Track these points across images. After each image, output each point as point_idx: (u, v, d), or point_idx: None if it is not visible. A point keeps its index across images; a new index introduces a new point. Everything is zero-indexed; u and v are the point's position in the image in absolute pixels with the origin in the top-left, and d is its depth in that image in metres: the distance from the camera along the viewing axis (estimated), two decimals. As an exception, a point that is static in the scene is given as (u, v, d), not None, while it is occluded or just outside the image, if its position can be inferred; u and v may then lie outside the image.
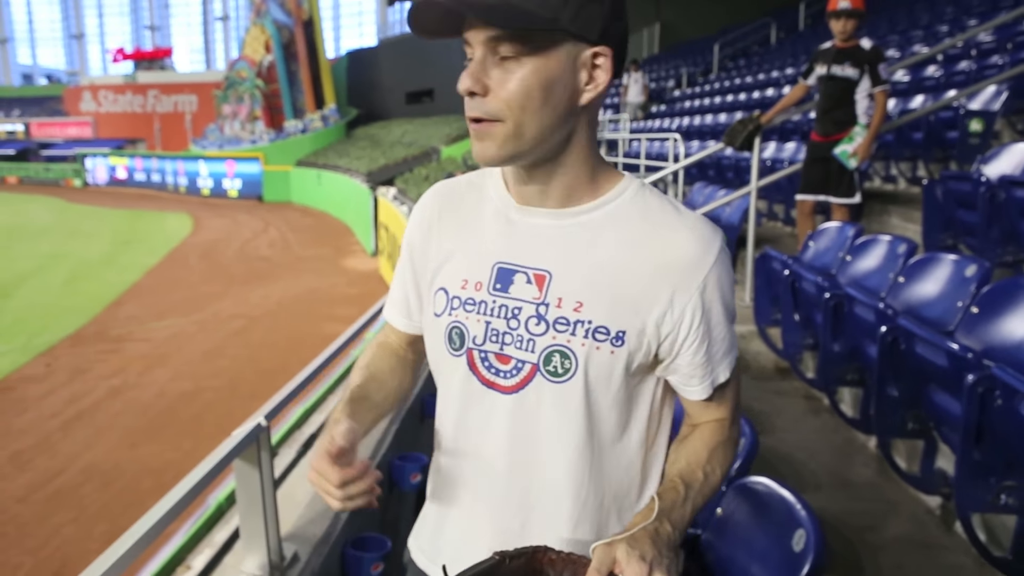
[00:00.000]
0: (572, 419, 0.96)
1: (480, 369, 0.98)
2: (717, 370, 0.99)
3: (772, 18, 16.79)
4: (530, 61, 0.86)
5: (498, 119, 0.88)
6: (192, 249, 20.10)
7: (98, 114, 45.58)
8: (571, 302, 0.93)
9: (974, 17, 8.44)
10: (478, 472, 1.02)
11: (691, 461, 1.00)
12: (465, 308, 0.99)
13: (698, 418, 1.06)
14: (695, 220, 0.96)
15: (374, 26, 46.21)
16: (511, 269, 0.97)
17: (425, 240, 1.07)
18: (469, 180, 1.08)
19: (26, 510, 6.64)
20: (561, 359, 0.94)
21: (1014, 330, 2.03)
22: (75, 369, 10.33)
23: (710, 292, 0.94)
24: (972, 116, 4.72)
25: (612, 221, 0.96)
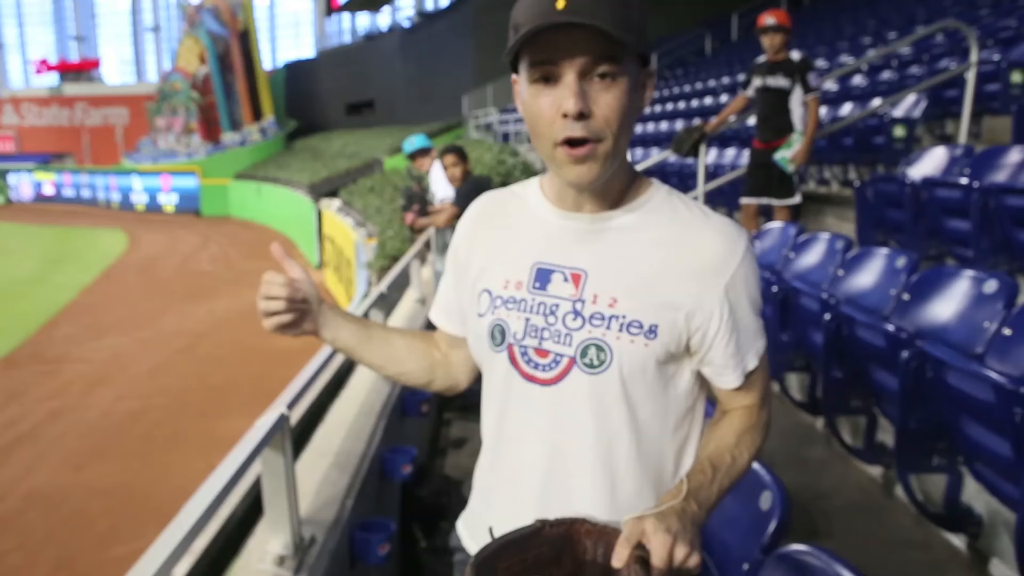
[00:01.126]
0: (609, 409, 1.01)
1: (520, 363, 1.04)
2: (746, 359, 1.05)
3: (706, 28, 17.40)
4: (621, 82, 0.92)
5: (601, 139, 0.93)
6: (129, 266, 19.49)
7: (21, 128, 43.66)
8: (606, 298, 1.00)
9: (893, 30, 9.00)
10: (521, 460, 1.07)
11: (720, 445, 1.06)
12: (507, 306, 1.05)
13: (728, 404, 1.12)
14: (721, 221, 1.03)
15: (311, 37, 45.67)
16: (549, 269, 1.03)
17: (468, 248, 1.15)
18: (512, 191, 1.16)
19: (-34, 540, 6.39)
20: (597, 352, 0.99)
21: (940, 312, 2.28)
22: (10, 392, 9.93)
23: (737, 288, 1.01)
24: (896, 123, 5.10)
25: (644, 224, 1.03)
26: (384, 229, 10.98)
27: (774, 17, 4.47)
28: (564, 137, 0.93)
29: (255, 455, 1.29)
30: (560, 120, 0.92)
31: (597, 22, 0.87)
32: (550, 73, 0.92)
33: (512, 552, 0.92)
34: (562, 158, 0.95)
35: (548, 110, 0.93)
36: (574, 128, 0.92)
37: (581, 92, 0.91)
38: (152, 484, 7.19)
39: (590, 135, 0.92)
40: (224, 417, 8.70)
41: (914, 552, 2.18)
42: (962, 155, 3.69)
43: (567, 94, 0.91)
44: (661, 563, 0.85)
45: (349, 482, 1.95)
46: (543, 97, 0.93)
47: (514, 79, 1.02)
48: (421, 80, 28.40)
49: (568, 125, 0.92)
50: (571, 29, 0.88)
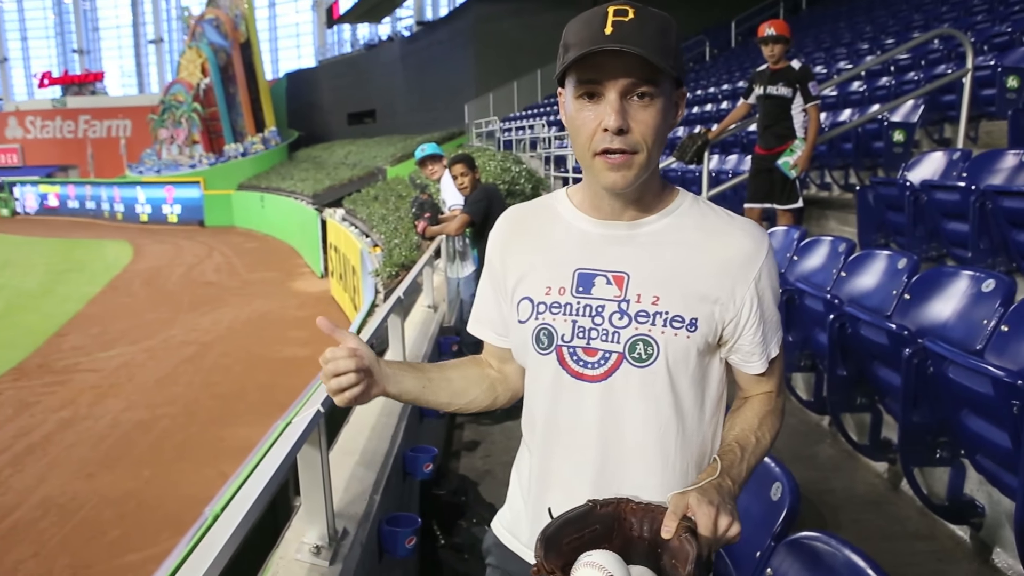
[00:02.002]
0: (658, 398, 1.10)
1: (569, 363, 1.11)
2: (770, 346, 1.16)
3: (706, 36, 17.53)
4: (658, 102, 1.02)
5: (636, 151, 1.03)
6: (135, 276, 19.60)
7: (25, 140, 43.92)
8: (649, 297, 1.08)
9: (890, 36, 9.11)
10: (572, 455, 1.14)
11: (744, 428, 1.16)
12: (551, 311, 1.12)
13: (750, 391, 1.22)
14: (745, 223, 1.14)
15: (312, 47, 45.91)
16: (591, 273, 1.11)
17: (503, 260, 1.22)
18: (540, 203, 1.24)
19: (-18, 548, 6.46)
20: (644, 346, 1.08)
21: (940, 311, 2.36)
22: (21, 403, 10.01)
23: (764, 281, 1.11)
24: (895, 128, 5.19)
25: (676, 227, 1.12)
26: (390, 237, 11.07)
27: (773, 28, 4.57)
28: (603, 148, 1.03)
29: (296, 449, 1.37)
30: (601, 133, 1.02)
31: (641, 50, 0.96)
32: (594, 91, 1.02)
33: (572, 529, 0.99)
34: (600, 165, 1.04)
35: (590, 123, 1.03)
36: (613, 141, 1.02)
37: (622, 110, 1.00)
38: (162, 492, 7.26)
39: (627, 148, 1.02)
40: (231, 426, 8.78)
41: (920, 543, 2.25)
42: (960, 159, 3.77)
43: (609, 111, 1.01)
44: (708, 532, 0.94)
45: (376, 478, 2.03)
46: (587, 111, 1.03)
47: (559, 92, 1.10)
48: (422, 89, 28.56)
49: (608, 138, 1.02)
50: (617, 54, 0.97)
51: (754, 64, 12.57)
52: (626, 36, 0.97)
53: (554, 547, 0.96)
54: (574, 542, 0.98)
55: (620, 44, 0.97)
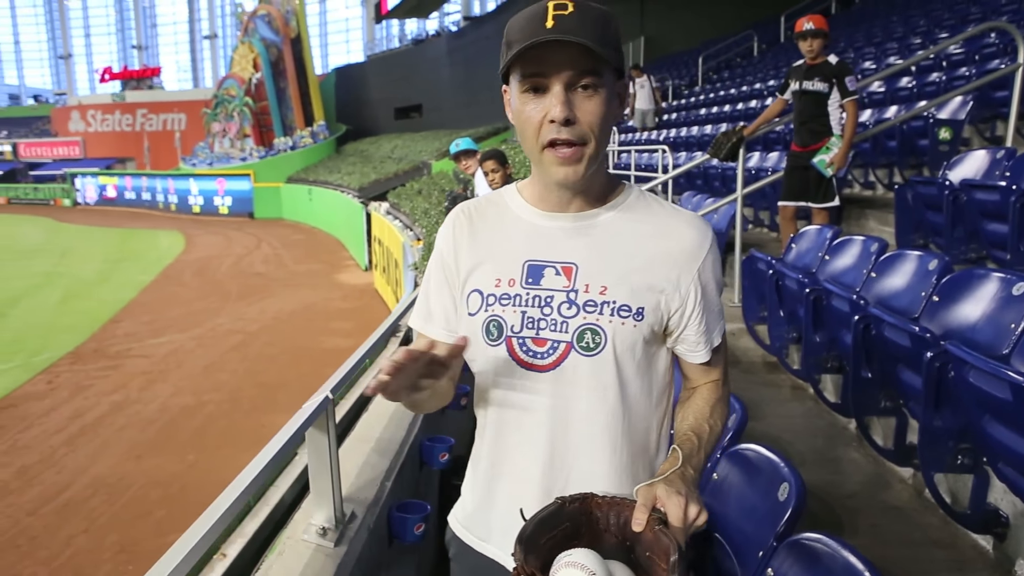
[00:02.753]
0: (605, 387, 1.12)
1: (519, 354, 1.13)
2: (713, 334, 1.19)
3: (754, 30, 17.20)
4: (602, 92, 1.04)
5: (584, 142, 1.05)
6: (186, 266, 20.17)
7: (87, 133, 45.58)
8: (597, 287, 1.11)
9: (945, 30, 8.81)
10: (522, 444, 1.16)
11: (697, 417, 1.18)
12: (501, 303, 1.14)
13: (697, 381, 1.25)
14: (690, 216, 1.17)
15: (361, 42, 46.49)
16: (540, 265, 1.13)
17: (454, 254, 1.22)
18: (491, 197, 1.26)
19: (37, 523, 6.74)
20: (592, 335, 1.10)
21: (968, 314, 2.30)
22: (76, 386, 10.42)
23: (707, 272, 1.14)
24: (941, 125, 5.03)
25: (624, 220, 1.15)
26: (431, 231, 11.17)
27: (812, 22, 4.48)
28: (551, 140, 1.04)
29: (301, 433, 1.42)
30: (547, 125, 1.04)
31: (582, 40, 0.98)
32: (539, 84, 1.04)
33: (546, 528, 1.00)
34: (550, 159, 1.06)
35: (536, 116, 1.04)
36: (560, 132, 1.03)
37: (567, 101, 1.02)
38: (206, 475, 7.49)
39: (575, 139, 1.04)
40: (273, 413, 8.99)
41: (939, 551, 2.20)
42: (1003, 157, 3.64)
43: (555, 103, 1.02)
44: (679, 522, 0.96)
45: (389, 466, 2.07)
46: (532, 105, 1.05)
47: (504, 90, 1.12)
48: (468, 84, 28.68)
49: (555, 129, 1.03)
50: (559, 46, 0.99)
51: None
52: (567, 28, 0.99)
53: (532, 549, 0.97)
54: (549, 542, 0.99)
55: (562, 35, 0.99)
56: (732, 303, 4.60)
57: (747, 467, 1.90)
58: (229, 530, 2.26)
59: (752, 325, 3.97)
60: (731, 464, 1.95)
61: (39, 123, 48.76)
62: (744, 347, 4.08)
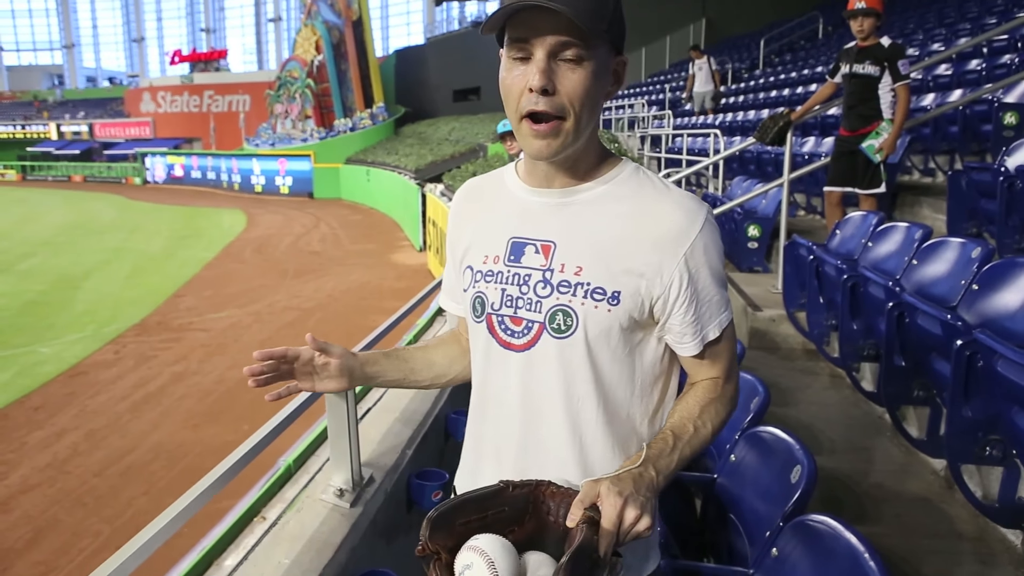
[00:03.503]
0: (576, 372, 1.07)
1: (498, 332, 1.11)
2: (707, 328, 1.10)
3: (819, 12, 16.64)
4: (588, 65, 0.98)
5: (563, 116, 1.00)
6: (246, 244, 20.74)
7: (157, 114, 47.14)
8: (572, 267, 1.06)
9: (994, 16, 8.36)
10: (500, 424, 1.14)
11: (683, 415, 1.11)
12: (486, 279, 1.13)
13: (695, 376, 1.17)
14: (681, 195, 1.08)
15: (421, 25, 46.74)
16: (522, 242, 1.10)
17: (456, 231, 1.23)
18: (491, 174, 1.24)
19: (102, 483, 7.11)
20: (564, 317, 1.06)
21: (1007, 303, 2.23)
22: (141, 356, 10.90)
23: (696, 258, 1.05)
24: (1006, 109, 4.81)
25: (610, 198, 1.09)
26: (480, 213, 11.24)
27: (864, 0, 4.32)
28: (528, 111, 1.00)
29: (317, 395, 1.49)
30: (526, 94, 0.99)
31: (567, 9, 0.93)
32: (524, 51, 0.99)
33: (471, 509, 0.96)
34: (526, 131, 1.02)
35: (517, 84, 1.00)
36: (537, 102, 0.98)
37: (548, 70, 0.97)
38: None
39: (552, 110, 0.99)
40: (325, 388, 9.24)
41: (965, 544, 2.16)
42: (1066, 144, 3.48)
43: (534, 70, 0.98)
44: (609, 524, 0.89)
45: (411, 435, 2.14)
46: (515, 71, 1.01)
47: (501, 54, 1.07)
48: (525, 67, 28.50)
49: (532, 99, 0.99)
50: (547, 11, 0.94)
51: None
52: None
53: (444, 527, 0.93)
54: (474, 523, 0.95)
55: (548, 1, 0.93)
56: (774, 289, 4.52)
57: (763, 449, 1.90)
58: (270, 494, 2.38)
59: (792, 312, 3.91)
60: (748, 446, 1.96)
61: (113, 104, 50.67)
62: (784, 334, 4.02)
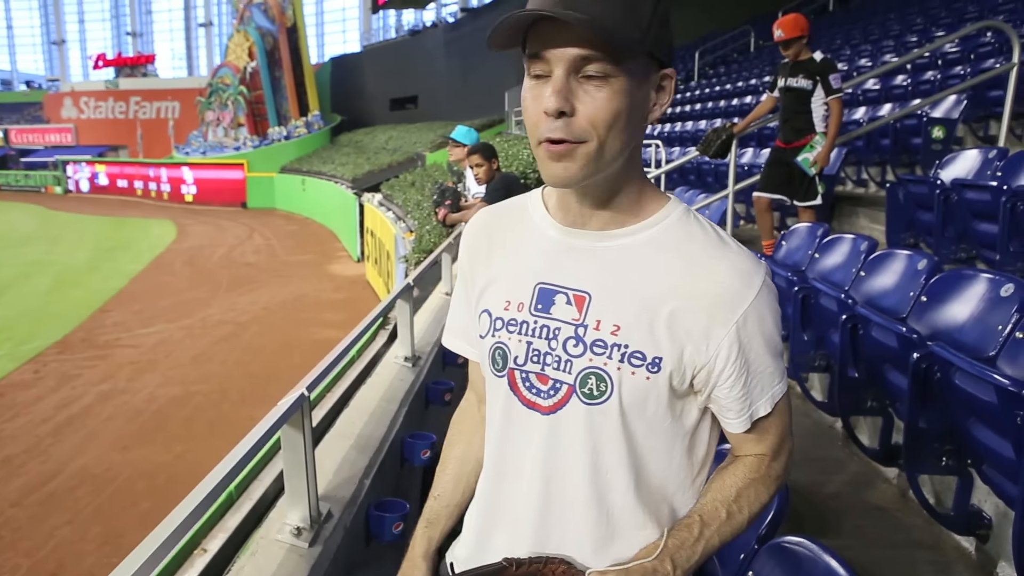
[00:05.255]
0: (606, 441, 0.94)
1: (521, 389, 0.98)
2: (756, 404, 0.96)
3: (751, 26, 17.15)
4: (617, 81, 0.84)
5: (583, 140, 0.85)
6: (177, 255, 20.11)
7: (79, 120, 45.27)
8: (609, 325, 0.92)
9: (942, 28, 8.79)
10: (518, 490, 1.01)
11: (717, 497, 0.99)
12: (508, 329, 0.98)
13: (739, 449, 1.04)
14: (737, 252, 0.93)
15: (358, 32, 46.26)
16: (552, 289, 0.96)
17: (471, 266, 1.08)
18: (511, 204, 1.09)
19: (21, 513, 6.71)
20: (597, 382, 0.92)
21: (956, 315, 2.29)
22: (64, 375, 10.37)
23: (750, 328, 0.91)
24: (934, 123, 5.02)
25: (654, 246, 0.94)
26: (423, 223, 11.14)
27: (781, 29, 4.46)
28: (544, 138, 0.86)
29: (274, 431, 1.39)
30: (544, 119, 0.86)
31: (586, 18, 0.79)
32: (543, 68, 0.86)
33: None
34: (543, 155, 0.88)
35: (534, 106, 0.87)
36: (554, 128, 0.85)
37: (565, 90, 0.84)
38: (193, 467, 7.46)
39: (570, 136, 0.85)
40: (263, 405, 8.80)
41: (922, 552, 2.19)
42: (995, 157, 3.63)
43: (548, 91, 0.84)
44: None
45: (368, 463, 2.05)
46: (533, 93, 0.87)
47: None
48: (464, 76, 28.60)
49: (549, 124, 0.85)
50: (563, 23, 0.81)
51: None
52: (576, 2, 0.80)
53: None
54: None
55: (562, 11, 0.80)
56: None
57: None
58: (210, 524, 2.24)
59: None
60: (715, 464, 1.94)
61: (31, 109, 48.38)
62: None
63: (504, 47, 0.90)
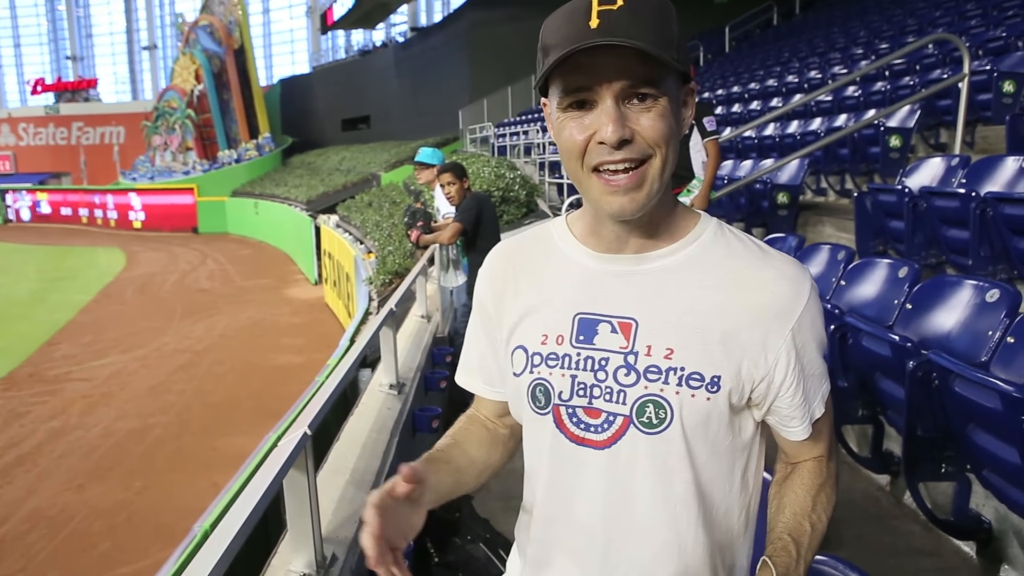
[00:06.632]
0: (672, 472, 0.91)
1: (568, 426, 0.94)
2: (813, 406, 0.96)
3: (700, 41, 17.55)
4: (663, 100, 0.85)
5: (648, 156, 0.85)
6: (127, 284, 19.53)
7: (18, 147, 43.84)
8: (661, 349, 0.90)
9: (885, 41, 9.11)
10: (573, 534, 0.97)
11: (797, 512, 0.97)
12: (548, 364, 0.95)
13: (796, 457, 1.02)
14: (782, 261, 0.93)
15: (307, 53, 45.90)
16: (594, 319, 0.93)
17: (497, 302, 1.04)
18: (533, 235, 1.06)
19: (-32, 562, 6.38)
20: (655, 409, 0.89)
21: (943, 321, 2.32)
22: (11, 413, 9.93)
23: (805, 333, 0.91)
24: (891, 133, 5.17)
25: (695, 264, 0.93)
26: (384, 244, 11.02)
27: None
28: (599, 163, 0.85)
29: (282, 475, 1.31)
30: (596, 147, 0.85)
31: (637, 42, 0.80)
32: (585, 98, 0.85)
33: None
34: (598, 188, 0.87)
35: (581, 137, 0.85)
36: (613, 155, 0.84)
37: (620, 117, 0.83)
38: (154, 503, 7.19)
39: (638, 155, 0.85)
40: (225, 434, 8.71)
41: (924, 560, 2.20)
42: (958, 164, 3.74)
43: (605, 120, 0.83)
44: None
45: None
46: (576, 123, 0.86)
47: (544, 103, 0.93)
48: (416, 95, 28.58)
49: (605, 151, 0.84)
50: (609, 50, 0.80)
51: (748, 69, 12.58)
52: (615, 27, 0.80)
53: None
54: None
55: (611, 38, 0.80)
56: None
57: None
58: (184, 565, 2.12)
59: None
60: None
61: (-35, 137, 46.67)
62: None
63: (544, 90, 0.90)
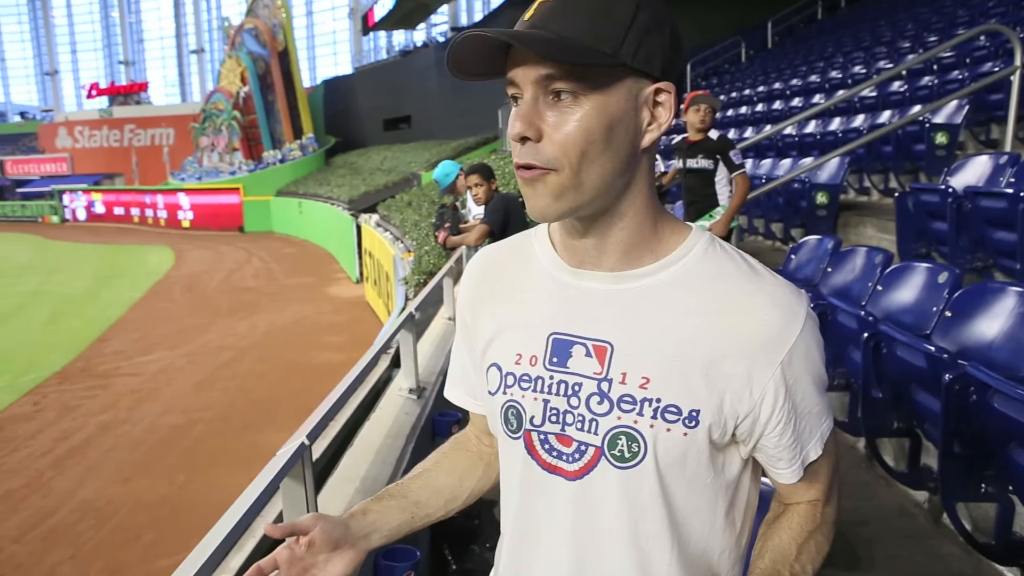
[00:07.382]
0: (644, 509, 0.84)
1: (540, 452, 0.88)
2: (807, 448, 0.87)
3: (741, 36, 17.23)
4: (589, 101, 0.76)
5: (553, 168, 0.78)
6: (175, 282, 20.01)
7: (74, 150, 45.39)
8: (636, 377, 0.82)
9: (933, 34, 8.78)
10: (542, 563, 0.91)
11: (777, 559, 0.89)
12: (520, 385, 0.89)
13: (789, 498, 0.95)
14: (775, 285, 0.83)
15: (349, 55, 46.49)
16: (568, 340, 0.86)
17: (474, 313, 0.98)
18: (515, 242, 0.99)
19: (21, 550, 6.59)
20: (628, 442, 0.82)
21: (985, 331, 2.19)
22: (64, 406, 10.25)
23: (796, 367, 0.82)
24: (937, 129, 4.96)
25: (679, 285, 0.84)
26: (421, 244, 11.06)
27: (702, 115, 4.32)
28: (516, 162, 0.80)
29: (274, 486, 1.29)
30: (514, 145, 0.80)
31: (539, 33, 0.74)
32: (515, 92, 0.80)
33: None
34: (520, 184, 0.82)
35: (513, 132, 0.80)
36: (522, 153, 0.79)
37: (530, 113, 0.77)
38: (195, 498, 7.35)
39: (537, 162, 0.78)
40: (265, 431, 8.85)
41: (962, 583, 2.09)
42: (1007, 163, 3.55)
43: (514, 115, 0.79)
44: None
45: (376, 509, 1.95)
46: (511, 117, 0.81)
47: None
48: (456, 95, 28.69)
49: (518, 149, 0.79)
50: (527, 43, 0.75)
51: (791, 65, 12.28)
52: (538, 19, 0.76)
53: None
54: None
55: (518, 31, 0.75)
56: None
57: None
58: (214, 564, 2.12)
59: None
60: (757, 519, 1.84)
61: (25, 140, 48.51)
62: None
63: (475, 75, 0.82)
